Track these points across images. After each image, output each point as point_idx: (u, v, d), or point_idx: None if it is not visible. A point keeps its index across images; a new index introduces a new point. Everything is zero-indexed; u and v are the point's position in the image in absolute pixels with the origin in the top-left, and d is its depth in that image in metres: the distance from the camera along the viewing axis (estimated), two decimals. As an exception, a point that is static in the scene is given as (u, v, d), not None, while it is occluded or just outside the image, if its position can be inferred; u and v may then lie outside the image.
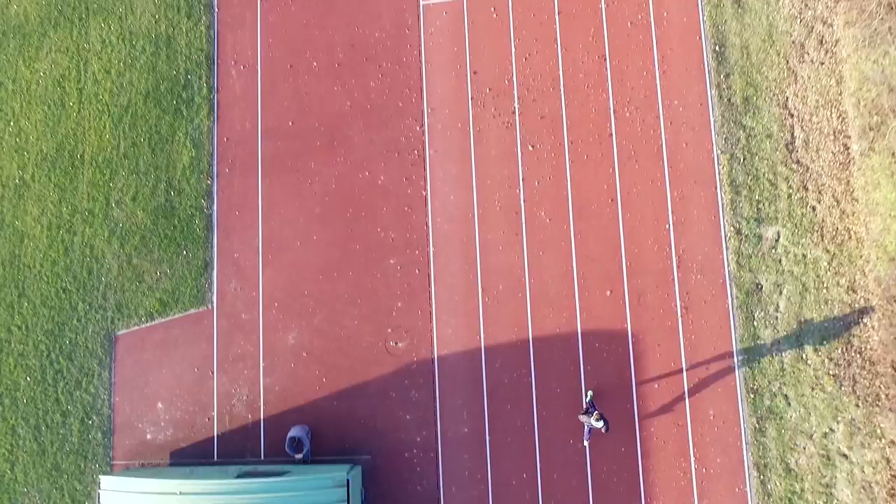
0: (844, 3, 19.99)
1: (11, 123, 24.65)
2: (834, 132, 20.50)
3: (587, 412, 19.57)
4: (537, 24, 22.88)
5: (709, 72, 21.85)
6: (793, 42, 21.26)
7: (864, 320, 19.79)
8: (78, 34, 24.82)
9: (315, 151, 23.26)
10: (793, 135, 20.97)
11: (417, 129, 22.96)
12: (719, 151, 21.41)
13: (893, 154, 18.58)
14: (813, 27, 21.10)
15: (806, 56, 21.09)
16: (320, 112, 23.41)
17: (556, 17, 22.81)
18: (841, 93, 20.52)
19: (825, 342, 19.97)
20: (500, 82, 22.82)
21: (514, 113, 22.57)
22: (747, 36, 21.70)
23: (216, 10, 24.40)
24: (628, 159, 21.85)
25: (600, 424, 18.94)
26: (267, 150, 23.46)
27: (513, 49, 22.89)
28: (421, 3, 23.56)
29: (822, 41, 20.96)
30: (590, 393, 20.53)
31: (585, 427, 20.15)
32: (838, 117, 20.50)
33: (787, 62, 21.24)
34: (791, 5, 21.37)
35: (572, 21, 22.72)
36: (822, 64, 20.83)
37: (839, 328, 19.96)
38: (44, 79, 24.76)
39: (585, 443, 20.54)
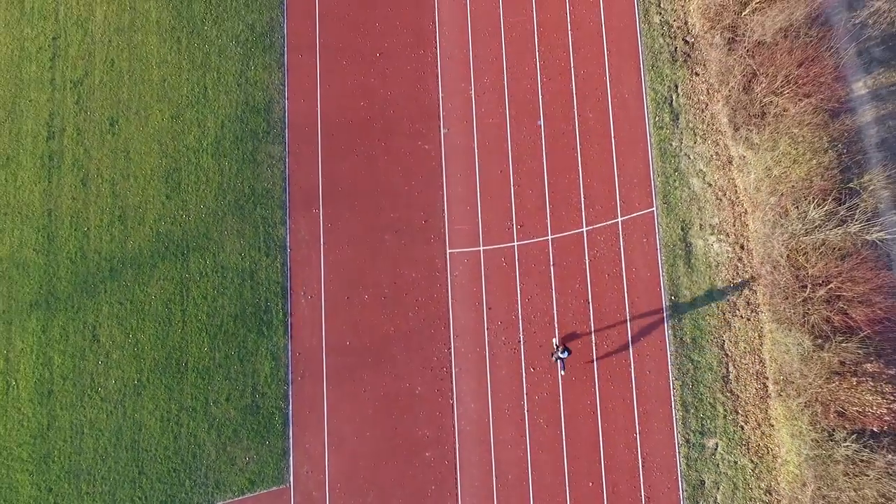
0: (765, 280, 27.09)
1: (130, 336, 31.82)
2: (756, 373, 27.71)
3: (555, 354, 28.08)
4: (537, 272, 30.10)
5: (666, 317, 29.04)
6: (727, 299, 28.48)
7: (778, 516, 27.01)
8: (181, 266, 32.02)
9: (367, 366, 30.46)
10: (727, 370, 28.18)
11: (445, 351, 30.16)
12: (674, 378, 28.61)
13: (789, 408, 25.65)
14: (742, 291, 28.30)
15: (737, 312, 28.30)
16: (370, 335, 30.62)
17: (552, 269, 30.01)
18: (762, 344, 27.72)
19: (749, 531, 27.23)
20: (508, 316, 30.05)
21: (519, 342, 29.78)
22: (695, 290, 28.93)
23: (289, 250, 31.60)
24: (606, 381, 29.03)
25: (565, 355, 27.67)
26: (330, 364, 30.65)
27: (518, 291, 30.10)
28: (448, 251, 30.79)
29: (748, 302, 28.18)
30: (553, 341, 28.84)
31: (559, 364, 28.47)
32: (759, 362, 27.70)
33: (724, 314, 28.46)
34: (727, 271, 28.59)
35: (564, 272, 29.91)
36: (748, 320, 28.04)
37: (760, 520, 27.20)
38: (154, 301, 31.95)
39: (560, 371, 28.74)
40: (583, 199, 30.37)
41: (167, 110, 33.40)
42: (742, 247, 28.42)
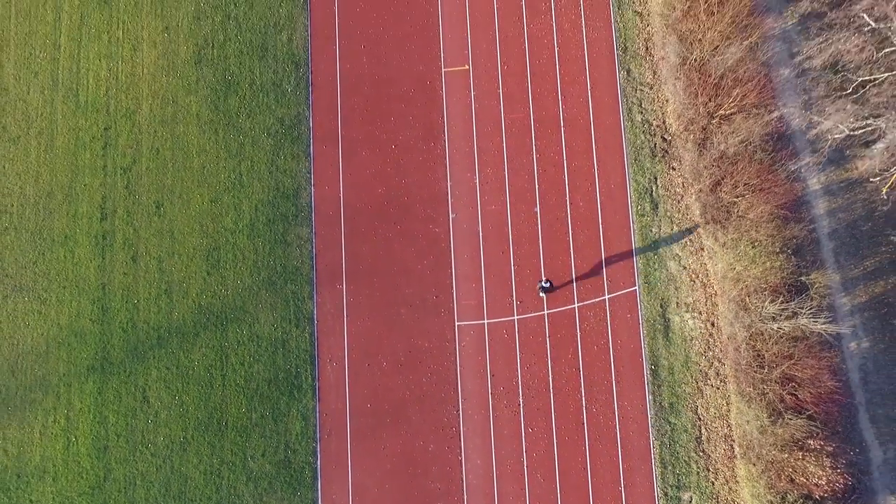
0: (730, 357, 31.27)
1: (176, 397, 36.09)
2: (725, 436, 31.86)
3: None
4: (535, 343, 34.31)
5: (647, 384, 33.22)
6: (700, 370, 32.67)
7: (744, 560, 31.12)
8: (221, 335, 36.31)
9: (385, 426, 34.68)
10: (700, 432, 32.34)
11: (455, 413, 34.38)
12: (654, 439, 32.75)
13: (750, 471, 29.78)
14: (713, 363, 32.49)
15: (708, 381, 32.49)
16: (388, 398, 34.83)
17: (547, 340, 34.22)
18: (729, 411, 31.88)
19: (720, 574, 31.33)
20: (510, 383, 34.26)
21: (519, 405, 33.98)
22: (672, 361, 33.12)
23: (316, 322, 35.88)
24: (594, 441, 33.22)
25: (548, 285, 32.56)
26: (353, 424, 34.87)
27: (518, 360, 34.31)
28: (456, 324, 35.03)
29: (718, 373, 32.37)
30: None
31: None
32: (727, 426, 31.85)
33: (697, 383, 32.65)
34: (700, 345, 32.76)
35: (558, 343, 34.10)
36: (718, 389, 32.22)
37: (728, 565, 31.30)
38: (197, 366, 36.23)
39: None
40: (574, 277, 34.59)
41: (207, 195, 37.75)
42: (713, 324, 32.61)
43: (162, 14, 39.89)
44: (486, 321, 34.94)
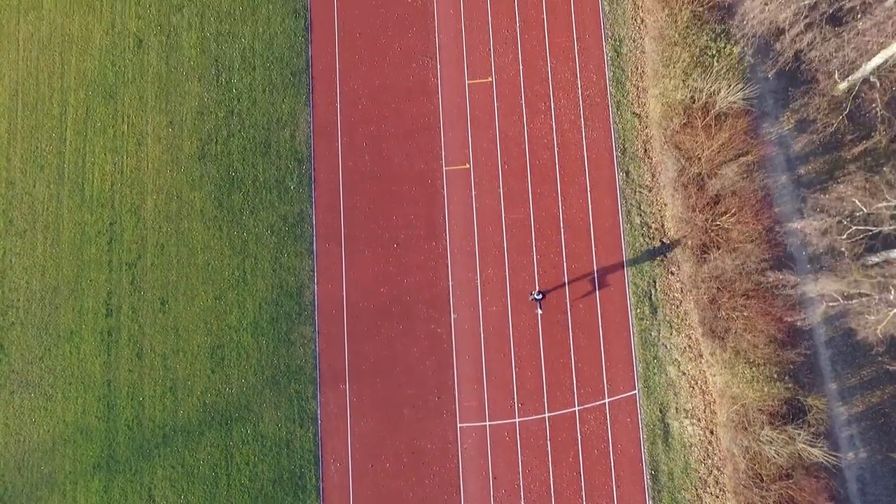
0: (729, 468, 31.70)
1: (181, 497, 36.45)
2: (724, 544, 32.27)
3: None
4: (536, 446, 34.72)
5: (647, 489, 33.62)
6: (700, 477, 33.06)
7: None
8: (225, 434, 36.71)
9: (389, 527, 35.10)
10: (700, 540, 32.74)
11: (457, 515, 34.82)
12: (654, 544, 33.18)
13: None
14: (712, 471, 32.89)
15: (707, 488, 32.88)
16: (392, 499, 35.21)
17: (548, 443, 34.63)
18: (728, 518, 32.34)
19: None
20: (511, 485, 34.64)
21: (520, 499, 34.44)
22: (672, 466, 33.51)
23: (320, 422, 36.29)
24: (596, 545, 33.65)
25: (540, 297, 33.07)
26: (357, 525, 35.30)
27: (519, 463, 34.70)
28: (458, 425, 35.44)
29: (717, 481, 32.76)
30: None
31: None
32: (727, 535, 32.27)
33: (696, 490, 33.04)
34: (699, 451, 33.15)
35: (559, 446, 34.51)
36: (717, 498, 32.61)
37: None
38: (203, 465, 36.60)
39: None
40: (575, 381, 35.03)
41: (211, 292, 38.22)
42: (712, 432, 33.04)
43: (166, 109, 40.41)
44: (487, 423, 35.35)
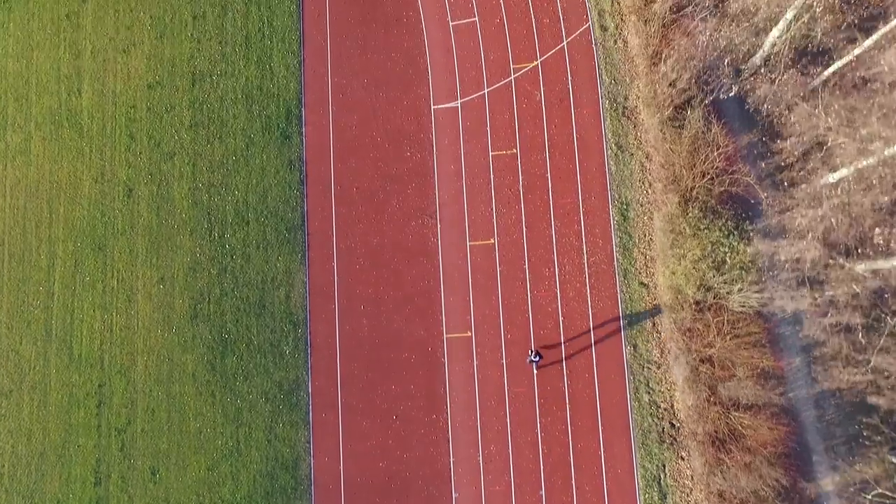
0: None
1: None
2: None
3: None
4: None
5: None
6: None
7: None
8: None
9: None
10: None
11: None
12: None
13: None
14: None
15: None
16: None
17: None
18: None
19: None
20: None
21: None
22: None
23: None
24: None
25: (537, 359, 33.21)
26: None
27: None
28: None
29: None
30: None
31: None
32: None
33: None
34: None
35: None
36: None
37: None
38: None
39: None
40: (581, 570, 33.69)
41: (203, 462, 36.83)
42: None
43: (157, 264, 39.08)
44: None
